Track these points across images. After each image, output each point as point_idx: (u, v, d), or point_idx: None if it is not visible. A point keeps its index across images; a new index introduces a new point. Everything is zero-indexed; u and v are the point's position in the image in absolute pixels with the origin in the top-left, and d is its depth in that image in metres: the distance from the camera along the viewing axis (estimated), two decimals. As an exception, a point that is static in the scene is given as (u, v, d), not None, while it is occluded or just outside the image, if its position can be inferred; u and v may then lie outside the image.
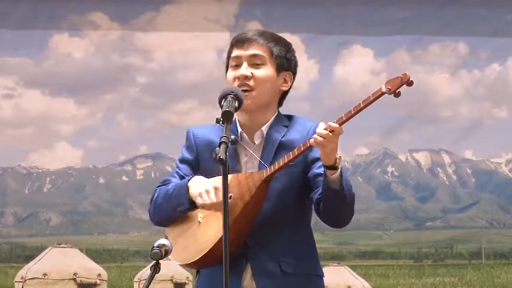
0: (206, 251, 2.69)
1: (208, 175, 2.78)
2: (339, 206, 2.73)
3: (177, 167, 2.91)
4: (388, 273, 26.93)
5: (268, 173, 2.71)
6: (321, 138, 2.59)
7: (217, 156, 2.37)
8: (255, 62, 2.81)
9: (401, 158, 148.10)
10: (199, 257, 2.70)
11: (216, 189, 2.70)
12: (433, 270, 30.18)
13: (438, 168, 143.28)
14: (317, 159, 2.78)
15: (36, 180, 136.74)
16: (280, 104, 2.92)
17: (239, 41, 2.84)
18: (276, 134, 2.82)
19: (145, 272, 9.86)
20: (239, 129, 2.83)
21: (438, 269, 31.80)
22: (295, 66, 2.92)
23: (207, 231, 2.72)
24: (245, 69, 2.79)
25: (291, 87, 2.92)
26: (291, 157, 2.69)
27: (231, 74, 2.82)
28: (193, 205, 2.76)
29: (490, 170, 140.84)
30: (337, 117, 2.62)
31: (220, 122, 2.51)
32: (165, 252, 2.53)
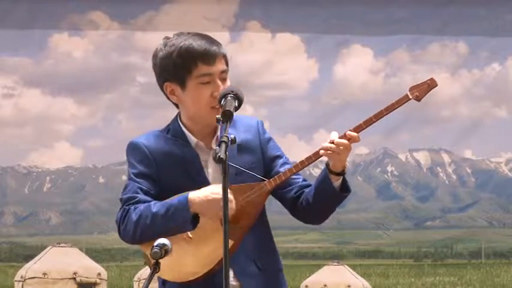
0: (206, 271, 2.69)
1: (174, 186, 2.75)
2: (334, 208, 2.79)
3: (136, 182, 2.78)
4: (388, 273, 26.94)
5: (273, 184, 2.71)
6: (337, 148, 2.60)
7: (217, 156, 2.36)
8: (223, 77, 2.76)
9: (401, 158, 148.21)
10: (197, 277, 2.70)
11: (230, 201, 2.63)
12: (432, 270, 30.19)
13: (438, 168, 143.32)
14: (276, 157, 2.82)
15: (36, 179, 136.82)
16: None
17: (206, 57, 2.74)
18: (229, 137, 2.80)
19: (145, 271, 9.85)
20: (193, 139, 2.79)
21: (438, 269, 31.81)
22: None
23: (202, 249, 2.71)
24: (219, 87, 2.73)
25: None
26: (300, 167, 2.69)
27: (205, 90, 2.73)
28: (194, 225, 2.72)
29: (490, 169, 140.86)
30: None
31: (220, 122, 2.50)
32: (164, 252, 2.53)
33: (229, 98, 2.57)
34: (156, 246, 2.50)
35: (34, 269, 8.07)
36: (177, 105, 2.84)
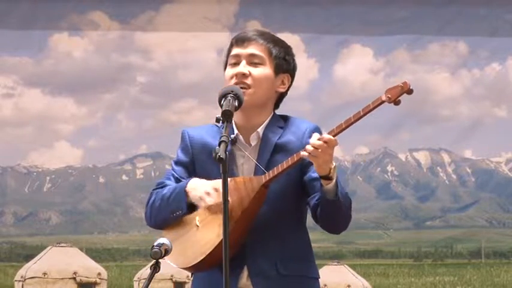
0: (206, 254, 2.69)
1: (205, 177, 2.77)
2: (335, 215, 2.74)
3: (172, 169, 2.88)
4: (388, 273, 26.94)
5: (267, 178, 2.71)
6: (312, 148, 2.59)
7: (217, 156, 2.37)
8: (253, 61, 2.80)
9: (401, 158, 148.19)
10: (199, 260, 2.70)
11: (216, 190, 2.69)
12: (432, 270, 30.20)
13: (438, 168, 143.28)
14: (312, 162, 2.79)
15: (36, 179, 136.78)
16: (277, 106, 2.90)
17: (239, 40, 2.84)
18: (272, 136, 2.80)
19: (145, 271, 9.85)
20: (235, 131, 2.82)
21: (438, 268, 31.83)
22: (294, 69, 2.90)
23: (206, 234, 2.72)
24: (243, 67, 2.79)
25: (288, 89, 2.90)
26: (290, 163, 2.69)
27: (229, 71, 2.82)
28: (190, 209, 2.76)
29: (490, 169, 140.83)
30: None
31: (220, 121, 2.51)
32: (165, 252, 2.53)
33: (229, 97, 2.57)
34: (156, 245, 2.51)
35: (34, 269, 8.07)
36: None
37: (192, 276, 2.87)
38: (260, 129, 2.80)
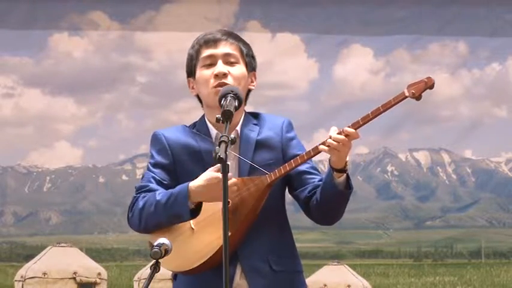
0: (208, 257, 2.70)
1: (188, 177, 2.77)
2: (340, 206, 2.77)
3: (151, 171, 2.87)
4: (388, 273, 26.94)
5: (272, 178, 2.72)
6: (335, 143, 2.60)
7: (217, 156, 2.37)
8: (229, 60, 2.83)
9: (401, 157, 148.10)
10: (200, 263, 2.71)
11: (218, 170, 2.65)
12: (432, 270, 30.19)
13: (438, 168, 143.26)
14: (297, 155, 2.79)
15: (36, 179, 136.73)
16: (245, 103, 2.93)
17: (209, 41, 2.85)
18: (250, 133, 2.83)
19: (145, 271, 9.85)
20: (213, 131, 2.82)
21: (438, 268, 31.81)
22: (256, 67, 2.96)
23: (205, 237, 2.72)
24: (222, 67, 2.80)
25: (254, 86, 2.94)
26: (299, 162, 2.70)
27: (206, 72, 2.83)
28: (193, 215, 2.75)
29: (490, 169, 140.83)
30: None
31: (220, 121, 2.51)
32: (164, 252, 2.53)
33: (229, 97, 2.58)
34: (156, 246, 2.51)
35: (34, 269, 8.07)
36: (201, 101, 2.87)
37: (175, 278, 2.85)
38: (238, 127, 2.80)
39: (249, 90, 2.92)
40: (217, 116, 2.51)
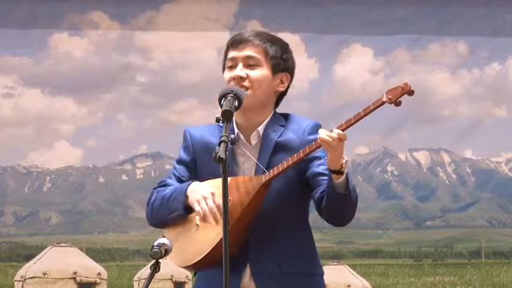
0: (205, 253, 2.69)
1: (206, 176, 2.79)
2: (343, 208, 2.74)
3: (174, 168, 2.90)
4: (388, 272, 26.97)
5: (268, 178, 2.71)
6: (328, 139, 2.60)
7: (217, 156, 2.37)
8: (249, 63, 2.81)
9: (401, 157, 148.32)
10: (199, 259, 2.71)
11: (212, 194, 2.70)
12: (432, 269, 30.23)
13: (438, 168, 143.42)
14: (315, 158, 2.77)
15: (36, 179, 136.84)
16: (277, 104, 2.91)
17: (235, 42, 2.85)
18: (273, 134, 2.82)
19: (145, 271, 9.87)
20: (236, 130, 2.84)
21: (438, 268, 31.85)
22: (293, 67, 2.90)
23: (206, 233, 2.72)
24: (240, 70, 2.80)
25: (288, 88, 2.91)
26: (290, 162, 2.69)
27: (227, 74, 2.83)
28: (187, 211, 2.76)
29: (490, 169, 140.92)
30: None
31: (220, 121, 2.51)
32: (164, 252, 2.53)
33: (229, 97, 2.57)
34: (156, 246, 2.51)
35: (34, 269, 8.07)
36: None
37: (195, 275, 2.88)
38: (260, 128, 2.81)
39: (281, 93, 2.89)
40: (217, 116, 2.52)
